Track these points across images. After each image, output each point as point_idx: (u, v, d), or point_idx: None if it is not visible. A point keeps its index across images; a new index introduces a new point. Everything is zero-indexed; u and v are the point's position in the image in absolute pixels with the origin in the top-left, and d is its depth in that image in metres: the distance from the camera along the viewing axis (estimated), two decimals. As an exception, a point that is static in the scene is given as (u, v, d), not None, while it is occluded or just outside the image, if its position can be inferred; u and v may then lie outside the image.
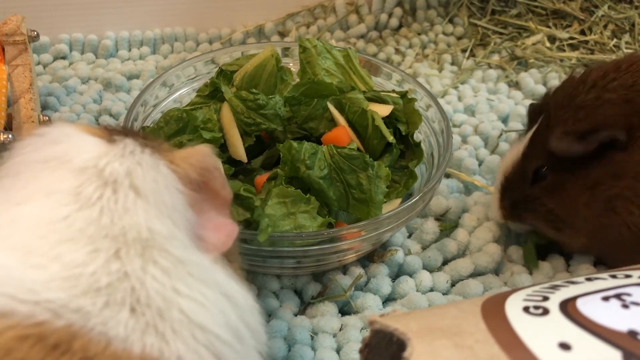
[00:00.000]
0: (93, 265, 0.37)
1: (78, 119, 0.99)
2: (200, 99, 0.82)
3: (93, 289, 0.36)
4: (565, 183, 0.71)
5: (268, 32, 1.24)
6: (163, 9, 1.23)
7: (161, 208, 0.41)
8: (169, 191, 0.42)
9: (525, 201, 0.75)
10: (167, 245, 0.39)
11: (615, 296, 0.39)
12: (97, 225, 0.38)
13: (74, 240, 0.37)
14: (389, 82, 0.90)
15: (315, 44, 0.82)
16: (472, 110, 1.05)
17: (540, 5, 1.29)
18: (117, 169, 0.41)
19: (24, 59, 0.90)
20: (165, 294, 0.37)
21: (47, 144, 0.42)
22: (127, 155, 0.42)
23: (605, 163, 0.68)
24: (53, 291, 0.35)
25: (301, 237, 0.66)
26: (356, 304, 0.72)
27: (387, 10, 1.28)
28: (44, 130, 0.43)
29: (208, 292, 0.39)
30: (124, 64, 1.15)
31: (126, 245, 0.38)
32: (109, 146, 0.43)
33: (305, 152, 0.69)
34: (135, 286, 0.37)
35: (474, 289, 0.73)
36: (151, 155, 0.44)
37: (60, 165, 0.40)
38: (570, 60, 1.18)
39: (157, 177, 0.42)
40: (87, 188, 0.40)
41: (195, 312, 0.38)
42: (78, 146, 0.42)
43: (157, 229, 0.40)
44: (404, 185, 0.78)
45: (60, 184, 0.39)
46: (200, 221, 0.44)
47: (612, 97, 0.68)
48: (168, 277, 0.38)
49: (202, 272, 0.40)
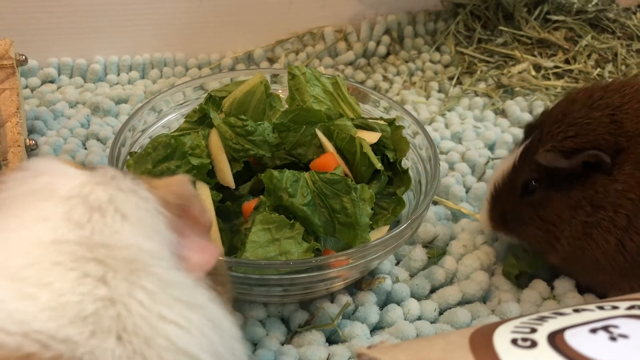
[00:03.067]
0: (80, 291, 0.37)
1: (65, 143, 0.99)
2: (188, 125, 0.82)
3: (80, 317, 0.36)
4: (551, 199, 0.72)
5: (257, 58, 1.25)
6: (152, 34, 1.23)
7: (146, 229, 0.42)
8: (150, 213, 0.43)
9: (514, 212, 0.76)
10: (154, 266, 0.40)
11: (602, 328, 0.39)
12: (86, 247, 0.39)
13: (63, 264, 0.38)
14: (376, 110, 0.90)
15: (304, 71, 0.83)
16: (459, 138, 1.06)
17: (525, 34, 1.31)
18: (101, 195, 0.42)
19: (12, 83, 0.90)
20: (151, 320, 0.38)
21: (33, 177, 0.43)
22: (108, 182, 0.44)
23: (589, 186, 0.69)
24: (42, 321, 0.35)
25: (288, 264, 0.65)
26: (344, 332, 0.71)
27: (375, 38, 1.30)
28: (27, 165, 0.45)
29: (193, 317, 0.40)
30: (112, 88, 1.15)
31: (113, 269, 0.39)
32: (91, 174, 0.44)
33: (287, 180, 0.69)
34: (122, 313, 0.37)
35: (461, 317, 0.73)
36: (132, 180, 0.45)
37: (48, 195, 0.42)
38: (556, 88, 1.20)
39: (138, 201, 0.43)
40: (76, 213, 0.41)
41: (180, 338, 0.38)
42: (61, 176, 0.43)
43: (145, 247, 0.41)
44: (392, 212, 0.78)
45: (50, 211, 0.41)
46: (183, 242, 0.45)
47: (598, 115, 0.69)
48: (154, 301, 0.38)
49: (186, 294, 0.41)
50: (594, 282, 0.77)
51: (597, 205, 0.68)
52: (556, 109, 0.74)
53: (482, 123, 1.10)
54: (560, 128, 0.70)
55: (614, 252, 0.69)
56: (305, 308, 0.74)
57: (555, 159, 0.69)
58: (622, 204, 0.67)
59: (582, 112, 0.70)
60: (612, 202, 0.67)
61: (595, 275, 0.75)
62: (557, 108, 0.75)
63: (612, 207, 0.67)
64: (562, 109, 0.73)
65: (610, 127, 0.68)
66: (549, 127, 0.72)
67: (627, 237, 0.68)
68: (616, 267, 0.70)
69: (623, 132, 0.68)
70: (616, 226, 0.68)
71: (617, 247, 0.69)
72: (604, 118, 0.69)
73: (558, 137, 0.70)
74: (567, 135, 0.69)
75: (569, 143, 0.69)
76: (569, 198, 0.70)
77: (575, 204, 0.70)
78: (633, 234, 0.67)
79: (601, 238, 0.69)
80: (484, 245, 0.84)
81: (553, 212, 0.72)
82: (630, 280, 0.70)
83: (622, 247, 0.68)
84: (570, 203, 0.70)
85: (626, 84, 0.72)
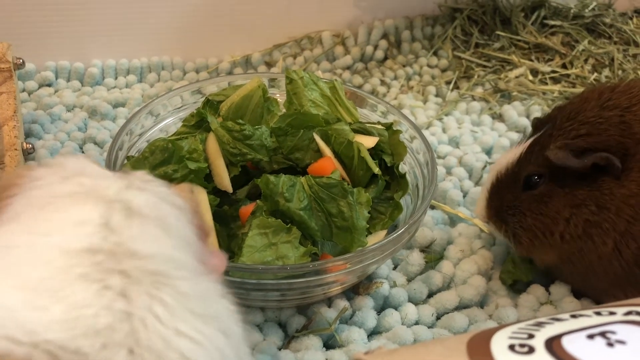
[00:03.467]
0: (97, 304, 0.37)
1: (62, 147, 0.98)
2: (186, 129, 0.82)
3: (93, 329, 0.36)
4: (553, 196, 0.71)
5: (255, 62, 1.25)
6: (150, 38, 1.23)
7: (179, 240, 0.43)
8: (183, 223, 0.44)
9: (512, 206, 0.75)
10: (176, 278, 0.40)
11: (600, 334, 0.39)
12: (116, 257, 0.39)
13: (87, 276, 0.38)
14: (374, 114, 0.90)
15: (302, 75, 0.83)
16: (457, 142, 1.06)
17: (522, 39, 1.32)
18: (142, 201, 0.42)
19: (9, 87, 0.90)
20: (166, 335, 0.38)
21: (69, 177, 0.42)
22: (147, 187, 0.44)
23: (595, 186, 0.68)
24: (53, 332, 0.35)
25: (286, 269, 0.65)
26: (341, 337, 0.71)
27: (372, 43, 1.30)
28: (60, 163, 0.44)
29: (207, 330, 0.40)
30: (110, 92, 1.15)
31: (137, 282, 0.38)
32: (127, 177, 0.44)
33: (283, 185, 0.69)
34: (137, 327, 0.37)
35: (459, 322, 0.73)
36: (166, 187, 0.45)
37: (86, 197, 0.41)
38: (553, 93, 1.20)
39: (174, 210, 0.44)
40: (115, 218, 0.40)
41: (193, 353, 0.38)
42: (101, 179, 0.43)
43: (172, 257, 0.41)
44: (390, 217, 0.78)
45: (87, 215, 0.40)
46: (202, 248, 0.46)
47: (610, 114, 0.69)
48: (171, 316, 0.38)
49: (203, 306, 0.41)
50: (586, 287, 0.77)
51: (602, 206, 0.68)
52: (569, 106, 0.74)
53: (480, 127, 1.10)
54: (573, 125, 0.70)
55: (610, 257, 0.69)
56: (303, 313, 0.74)
57: (566, 158, 0.68)
58: (624, 208, 0.67)
59: (594, 111, 0.70)
60: (616, 204, 0.67)
61: (588, 280, 0.75)
62: (570, 105, 0.74)
63: (615, 209, 0.67)
64: (575, 106, 0.73)
65: (620, 128, 0.68)
66: (561, 124, 0.71)
67: (623, 243, 0.68)
68: (610, 273, 0.70)
69: (631, 134, 0.68)
70: (615, 229, 0.68)
71: (613, 251, 0.69)
72: (614, 118, 0.69)
73: (570, 134, 0.69)
74: (579, 134, 0.69)
75: (580, 142, 0.68)
76: (574, 196, 0.70)
77: (579, 202, 0.69)
78: (630, 240, 0.67)
79: (600, 240, 0.69)
80: (482, 249, 0.84)
81: (554, 208, 0.71)
82: (625, 289, 0.70)
83: (618, 253, 0.68)
84: (575, 201, 0.70)
85: (634, 86, 0.72)
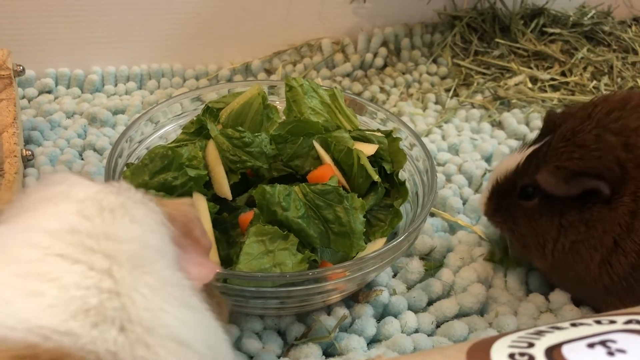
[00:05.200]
0: (84, 285, 0.39)
1: (62, 154, 0.98)
2: (186, 136, 0.82)
3: (82, 310, 0.38)
4: (543, 214, 0.72)
5: (255, 69, 1.25)
6: (150, 45, 1.23)
7: (152, 233, 0.45)
8: (157, 223, 0.46)
9: (509, 210, 0.76)
10: (156, 263, 0.42)
11: (600, 343, 0.39)
12: (94, 238, 0.41)
13: (70, 257, 0.40)
14: (373, 121, 0.90)
15: (301, 82, 0.83)
16: (456, 149, 1.06)
17: (522, 47, 1.32)
18: (113, 200, 0.45)
19: (9, 93, 0.90)
20: (154, 312, 0.39)
21: (50, 186, 0.46)
22: (121, 192, 0.47)
23: (584, 210, 0.69)
24: (45, 318, 0.37)
25: (285, 277, 0.65)
26: (340, 345, 0.71)
27: (372, 50, 1.31)
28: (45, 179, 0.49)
29: (188, 314, 0.42)
30: (109, 98, 1.15)
31: (119, 263, 0.40)
32: (105, 185, 0.47)
33: (279, 195, 0.69)
34: (127, 304, 0.39)
35: (459, 330, 0.73)
36: (142, 194, 0.48)
37: (63, 198, 0.44)
38: (552, 100, 1.20)
39: (147, 210, 0.46)
40: (88, 210, 0.43)
41: (179, 329, 0.40)
42: (77, 185, 0.46)
43: (150, 244, 0.43)
44: (389, 224, 0.78)
45: (64, 208, 0.43)
46: (184, 256, 0.47)
47: (612, 140, 0.67)
48: (155, 295, 0.40)
49: (183, 295, 0.43)
50: (580, 295, 0.77)
51: (591, 227, 0.68)
52: (571, 121, 0.70)
53: (479, 135, 1.10)
54: (567, 147, 0.68)
55: (599, 269, 0.69)
56: (302, 320, 0.74)
57: (555, 185, 0.68)
58: (613, 227, 0.67)
59: (593, 132, 0.68)
60: (603, 226, 0.68)
61: (580, 289, 0.76)
62: (572, 120, 0.71)
63: (602, 229, 0.68)
64: (576, 123, 0.70)
65: (620, 153, 0.66)
66: (556, 143, 0.70)
67: (614, 257, 0.68)
68: (600, 285, 0.70)
69: (634, 158, 0.66)
70: (603, 245, 0.68)
71: (602, 264, 0.69)
72: (616, 142, 0.66)
73: (563, 156, 0.68)
74: (571, 157, 0.68)
75: (573, 165, 0.67)
76: (563, 218, 0.70)
77: (568, 224, 0.70)
78: (620, 255, 0.67)
79: (587, 255, 0.70)
80: (481, 257, 0.84)
81: (544, 226, 0.72)
82: (621, 297, 0.70)
83: (608, 266, 0.68)
84: (564, 223, 0.70)
85: None
